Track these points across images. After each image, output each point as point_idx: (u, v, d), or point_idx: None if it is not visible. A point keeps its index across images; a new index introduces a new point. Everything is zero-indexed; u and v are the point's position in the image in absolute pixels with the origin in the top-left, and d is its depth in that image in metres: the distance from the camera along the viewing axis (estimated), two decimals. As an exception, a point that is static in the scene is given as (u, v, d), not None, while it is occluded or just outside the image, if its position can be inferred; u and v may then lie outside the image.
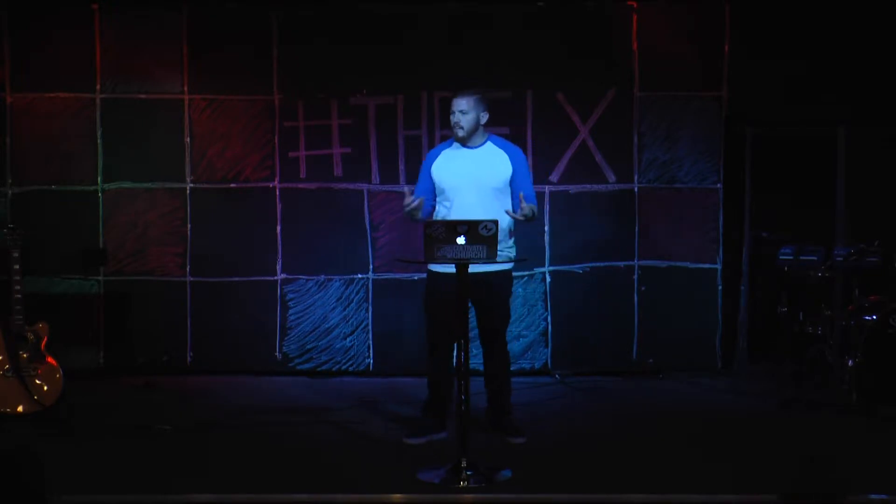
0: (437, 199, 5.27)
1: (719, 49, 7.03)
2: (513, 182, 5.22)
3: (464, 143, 5.24)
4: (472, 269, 4.80)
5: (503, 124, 7.05)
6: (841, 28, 6.92)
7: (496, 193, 5.17)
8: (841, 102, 6.95)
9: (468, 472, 4.55)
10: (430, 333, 5.30)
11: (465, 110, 5.18)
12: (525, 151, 7.01)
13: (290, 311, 7.12)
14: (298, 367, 7.12)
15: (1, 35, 7.02)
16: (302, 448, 5.13)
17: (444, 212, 5.23)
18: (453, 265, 4.69)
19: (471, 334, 5.31)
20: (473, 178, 5.16)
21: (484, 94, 5.32)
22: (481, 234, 4.51)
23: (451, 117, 5.22)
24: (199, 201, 7.11)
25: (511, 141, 6.99)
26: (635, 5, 7.05)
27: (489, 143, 5.28)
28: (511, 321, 7.03)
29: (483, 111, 5.24)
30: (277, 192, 7.10)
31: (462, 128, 5.19)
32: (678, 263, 7.11)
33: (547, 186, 7.08)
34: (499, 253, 4.81)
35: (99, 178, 7.10)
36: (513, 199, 5.21)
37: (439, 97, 7.03)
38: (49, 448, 4.89)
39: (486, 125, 5.32)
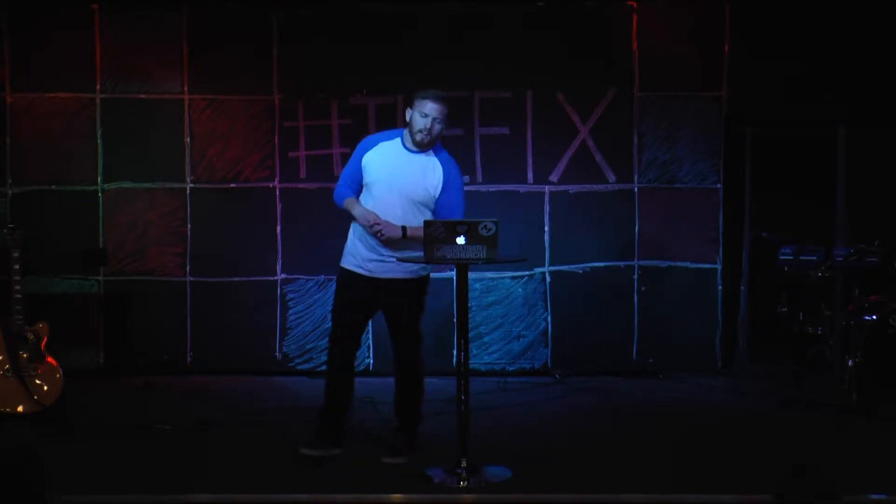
0: (363, 190, 4.97)
1: (719, 49, 7.03)
2: (439, 198, 4.89)
3: (418, 147, 4.88)
4: (385, 272, 4.85)
5: (503, 124, 7.07)
6: (841, 28, 6.92)
7: (420, 207, 4.87)
8: (841, 102, 6.95)
9: (468, 472, 4.55)
10: (334, 334, 5.00)
11: (440, 120, 4.80)
12: (525, 151, 7.07)
13: (290, 311, 7.13)
14: (298, 367, 7.12)
15: (1, 35, 7.03)
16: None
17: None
18: (356, 265, 4.89)
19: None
20: (403, 187, 4.85)
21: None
22: (481, 234, 4.50)
23: (423, 121, 4.78)
24: (199, 201, 7.12)
25: (510, 141, 7.08)
26: (635, 5, 7.05)
27: (431, 153, 4.92)
28: (511, 321, 7.11)
29: (445, 126, 4.92)
30: (277, 192, 7.10)
31: (432, 136, 4.83)
32: (678, 263, 7.11)
33: (547, 186, 7.08)
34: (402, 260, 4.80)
35: (99, 178, 7.10)
36: (435, 213, 4.90)
37: (439, 97, 7.03)
38: (49, 448, 4.89)
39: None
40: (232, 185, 7.12)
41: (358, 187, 4.99)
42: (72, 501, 4.19)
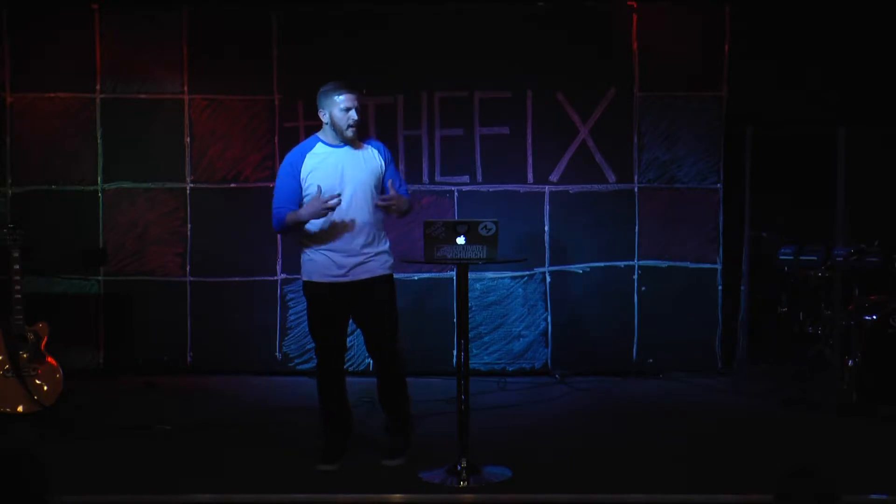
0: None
1: (719, 49, 7.04)
2: (385, 177, 4.88)
3: (348, 141, 4.81)
4: (363, 272, 4.73)
5: (503, 124, 7.07)
6: (841, 28, 6.92)
7: (374, 191, 4.80)
8: (841, 102, 6.95)
9: (468, 472, 4.55)
10: (321, 350, 4.86)
11: (357, 107, 4.76)
12: (525, 151, 7.07)
13: (290, 311, 7.13)
14: (298, 367, 7.11)
15: (1, 35, 7.03)
16: (302, 448, 5.12)
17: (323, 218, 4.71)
18: (331, 274, 4.72)
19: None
20: (353, 179, 4.75)
21: None
22: (481, 234, 4.50)
23: (347, 114, 4.72)
24: (199, 201, 7.12)
25: (510, 141, 7.08)
26: (635, 5, 7.05)
27: (357, 140, 4.86)
28: (511, 321, 7.11)
29: None
30: (277, 192, 7.09)
31: (357, 125, 4.79)
32: (678, 263, 7.11)
33: (547, 186, 7.09)
34: (377, 256, 4.75)
35: (99, 178, 7.10)
36: (386, 191, 4.88)
37: (439, 97, 7.04)
38: (49, 448, 4.91)
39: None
40: (232, 185, 7.12)
41: (298, 206, 4.76)
42: (72, 501, 4.20)
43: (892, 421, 5.62)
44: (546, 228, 7.11)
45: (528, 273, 7.10)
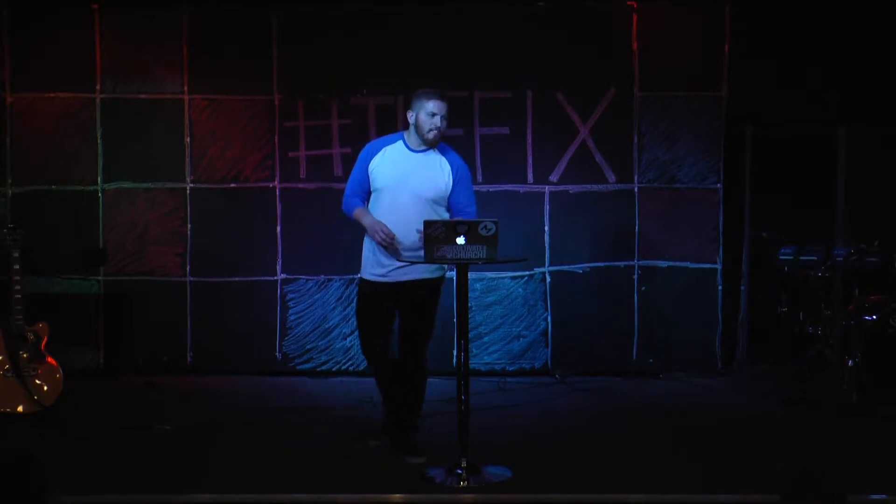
0: (372, 197, 4.99)
1: (719, 49, 7.04)
2: (451, 194, 4.97)
3: (427, 146, 4.96)
4: (404, 274, 4.88)
5: (503, 124, 7.08)
6: (841, 28, 6.92)
7: (433, 205, 4.92)
8: (841, 102, 6.95)
9: (468, 472, 4.55)
10: (368, 345, 5.07)
11: (445, 116, 4.91)
12: (525, 151, 7.06)
13: (290, 311, 7.13)
14: (298, 367, 7.12)
15: (1, 35, 7.03)
16: (302, 448, 5.13)
17: (375, 214, 4.94)
18: (375, 273, 4.91)
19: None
20: (414, 187, 4.89)
21: None
22: (481, 234, 4.50)
23: (432, 119, 4.88)
24: (199, 201, 7.12)
25: (510, 141, 7.08)
26: (635, 5, 7.05)
27: (436, 151, 5.00)
28: (511, 321, 7.11)
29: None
30: (277, 192, 7.10)
31: (441, 132, 4.93)
32: (678, 263, 7.11)
33: (547, 186, 7.09)
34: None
35: (99, 178, 7.10)
36: (449, 210, 5.00)
37: (439, 97, 7.03)
38: (49, 448, 4.90)
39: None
40: (232, 185, 7.12)
41: (366, 195, 5.04)
42: (72, 501, 4.20)
43: (892, 421, 5.62)
44: (546, 228, 7.11)
45: (528, 273, 7.10)
